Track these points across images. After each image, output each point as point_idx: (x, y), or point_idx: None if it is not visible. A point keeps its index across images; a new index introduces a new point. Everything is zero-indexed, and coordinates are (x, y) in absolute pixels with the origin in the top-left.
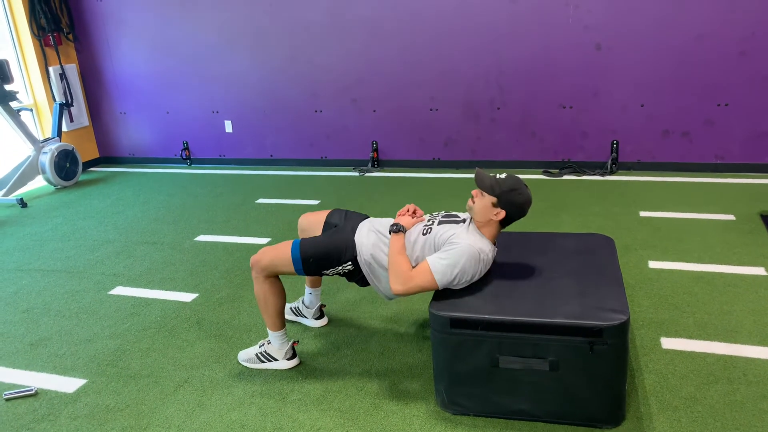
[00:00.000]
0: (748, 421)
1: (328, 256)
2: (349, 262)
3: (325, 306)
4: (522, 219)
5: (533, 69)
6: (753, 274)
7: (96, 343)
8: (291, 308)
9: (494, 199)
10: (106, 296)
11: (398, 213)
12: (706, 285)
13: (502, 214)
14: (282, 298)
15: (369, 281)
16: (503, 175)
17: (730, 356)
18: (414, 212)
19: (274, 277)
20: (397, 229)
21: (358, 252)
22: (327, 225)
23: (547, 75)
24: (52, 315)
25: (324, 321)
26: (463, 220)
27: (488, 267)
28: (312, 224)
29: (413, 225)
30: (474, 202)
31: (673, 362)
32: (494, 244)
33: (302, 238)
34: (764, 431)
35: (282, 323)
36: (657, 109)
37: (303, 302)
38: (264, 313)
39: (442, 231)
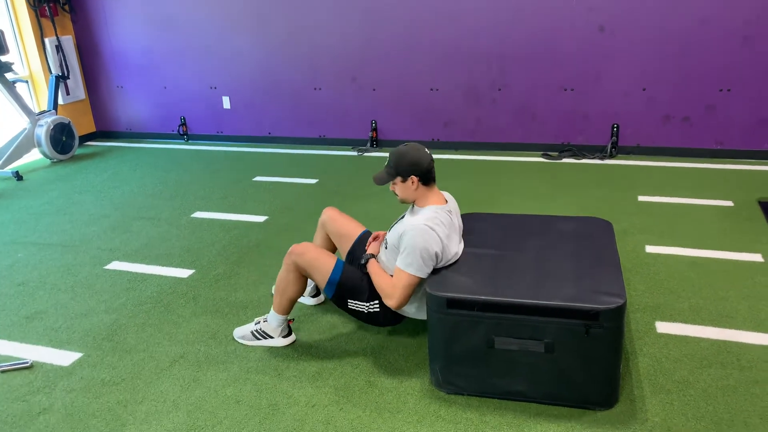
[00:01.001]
0: (740, 406)
1: (360, 289)
2: (376, 302)
3: None
4: (520, 201)
5: (535, 51)
6: (749, 260)
7: (92, 317)
8: None
9: (399, 178)
10: (102, 271)
11: (366, 246)
12: (702, 270)
13: (414, 179)
14: (300, 292)
15: (401, 314)
16: (388, 158)
17: (724, 341)
18: (376, 237)
19: (303, 274)
20: (366, 260)
21: None
22: (354, 254)
23: (549, 57)
24: (48, 288)
25: (320, 298)
26: (405, 213)
27: (452, 226)
28: (340, 230)
29: (379, 246)
30: (398, 194)
31: (667, 346)
32: (443, 203)
33: (346, 264)
34: (756, 415)
35: (289, 310)
36: (658, 93)
37: None
38: (278, 295)
39: (394, 235)
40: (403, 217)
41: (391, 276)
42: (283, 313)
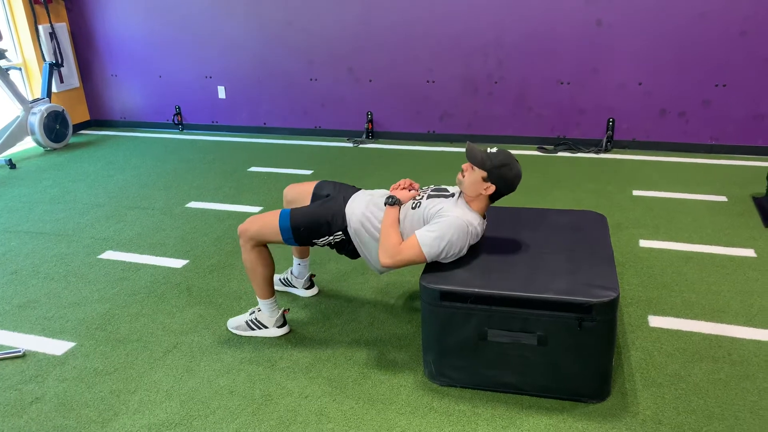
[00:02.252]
0: (731, 400)
1: (318, 225)
2: (340, 232)
3: (314, 276)
4: (515, 194)
5: (533, 43)
6: (742, 255)
7: (85, 306)
8: (280, 279)
9: (484, 174)
10: (95, 260)
11: (392, 186)
12: (695, 265)
13: (492, 188)
14: (270, 266)
15: (359, 253)
16: (494, 150)
17: (716, 335)
18: (410, 186)
19: (262, 246)
20: (392, 202)
21: (348, 222)
22: (315, 196)
23: (546, 50)
24: (41, 277)
25: (314, 290)
26: (453, 194)
27: (476, 240)
28: (299, 195)
29: (409, 199)
30: (464, 176)
31: (659, 340)
32: (484, 218)
33: (292, 208)
34: (746, 409)
35: (271, 291)
36: (655, 88)
37: (292, 273)
38: (252, 281)
39: (431, 205)
40: (445, 193)
41: (400, 236)
42: (267, 296)
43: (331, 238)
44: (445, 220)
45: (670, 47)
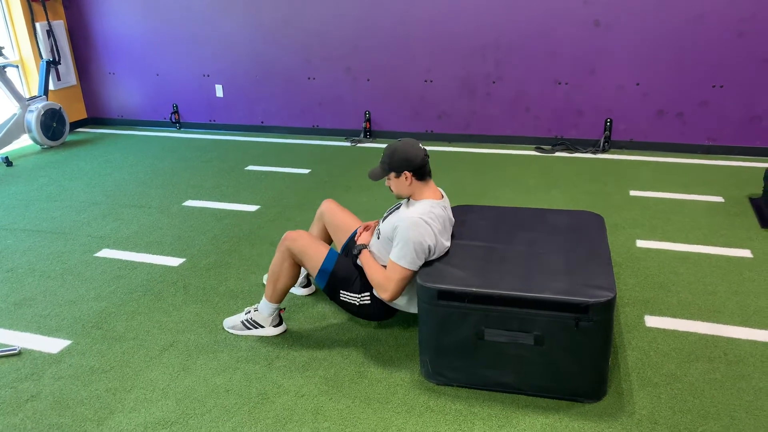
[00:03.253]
0: (726, 399)
1: (352, 280)
2: (368, 294)
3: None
4: (512, 194)
5: (530, 44)
6: (738, 256)
7: (81, 304)
8: None
9: (393, 173)
10: (92, 258)
11: (355, 238)
12: (692, 265)
13: (408, 174)
14: (294, 279)
15: (393, 307)
16: (382, 154)
17: (712, 336)
18: (366, 227)
19: (296, 261)
20: (358, 251)
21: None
22: (350, 248)
23: (544, 50)
24: (37, 275)
25: (311, 289)
26: (401, 204)
27: (445, 221)
28: (338, 222)
29: (371, 237)
30: (393, 190)
31: (655, 340)
32: (439, 197)
33: (340, 254)
34: (741, 409)
35: (281, 299)
36: (652, 89)
37: None
38: (270, 283)
39: (387, 226)
40: (398, 207)
41: (385, 268)
42: (276, 301)
43: (359, 297)
44: (399, 229)
45: (667, 48)
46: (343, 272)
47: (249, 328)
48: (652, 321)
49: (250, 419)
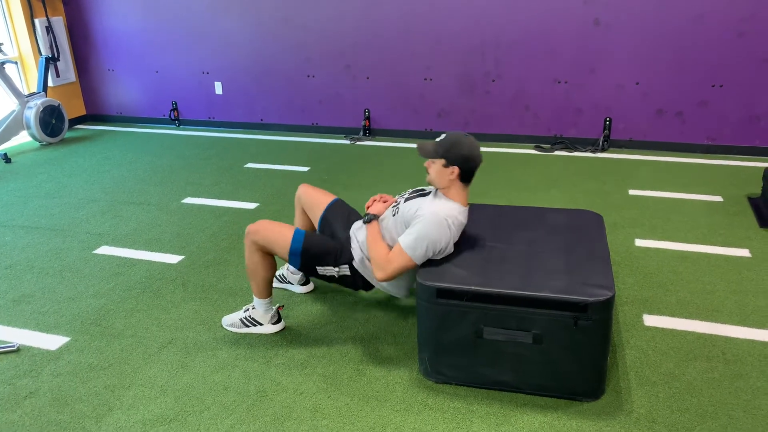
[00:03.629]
0: (724, 399)
1: (326, 254)
2: (346, 265)
3: None
4: (511, 193)
5: (530, 42)
6: (737, 255)
7: (80, 301)
8: (276, 276)
9: (443, 161)
10: (90, 255)
11: (366, 205)
12: (690, 265)
13: (456, 170)
14: (272, 269)
15: (372, 282)
16: (443, 136)
17: (710, 335)
18: (384, 200)
19: (266, 252)
20: (369, 219)
21: (353, 255)
22: (325, 220)
23: (543, 49)
24: (36, 272)
25: (310, 287)
26: (429, 192)
27: (461, 229)
28: (312, 203)
29: (385, 210)
30: (429, 173)
31: (654, 339)
32: (465, 204)
33: (307, 231)
34: (739, 408)
35: (269, 292)
36: (652, 88)
37: (288, 269)
38: (252, 280)
39: (408, 207)
40: (422, 192)
41: (389, 248)
42: (264, 296)
43: (336, 269)
44: (421, 220)
45: (667, 47)
46: (314, 248)
47: (248, 326)
48: (650, 320)
49: (249, 416)
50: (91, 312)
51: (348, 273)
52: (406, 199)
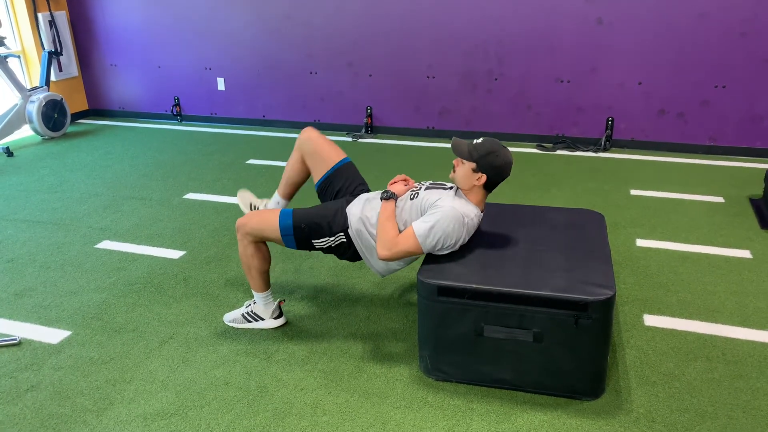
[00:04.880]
0: (724, 399)
1: (319, 226)
2: (341, 233)
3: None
4: (512, 192)
5: (533, 41)
6: (738, 256)
7: (81, 295)
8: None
9: (473, 165)
10: (92, 250)
11: (390, 182)
12: (691, 265)
13: (483, 178)
14: (266, 261)
15: (361, 255)
16: (480, 140)
17: (711, 335)
18: (405, 181)
19: (260, 241)
20: (388, 196)
21: (349, 222)
22: (330, 180)
23: (546, 47)
24: (37, 266)
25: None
26: (451, 188)
27: (472, 232)
28: (319, 152)
29: (405, 192)
30: (455, 171)
31: (654, 339)
32: (482, 210)
33: (294, 208)
34: (739, 409)
35: (266, 285)
36: (654, 88)
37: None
38: (247, 274)
39: (428, 195)
40: (444, 187)
41: (397, 230)
42: (262, 289)
43: (332, 239)
44: (440, 211)
45: (670, 47)
46: (305, 222)
47: (249, 321)
48: (650, 320)
49: (249, 412)
50: (93, 306)
51: (344, 240)
52: (427, 188)
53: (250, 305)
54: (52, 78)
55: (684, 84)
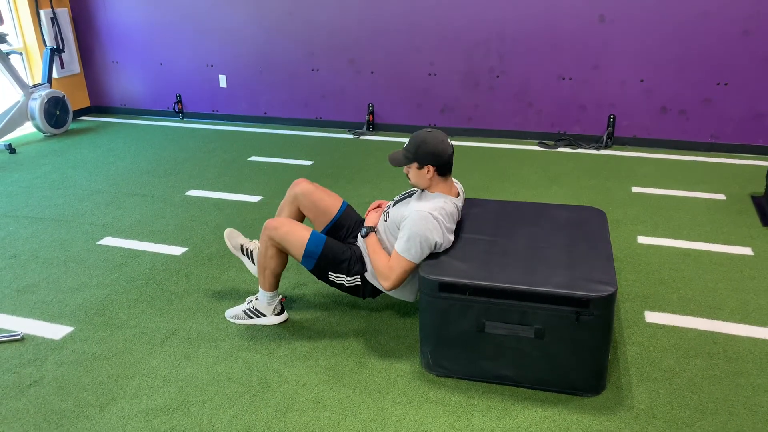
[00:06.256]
0: (725, 395)
1: (342, 261)
2: (358, 276)
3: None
4: (515, 189)
5: (535, 38)
6: (739, 253)
7: (84, 291)
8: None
9: (416, 164)
10: (94, 246)
11: (365, 214)
12: (692, 262)
13: (431, 168)
14: (283, 265)
15: (382, 290)
16: (408, 140)
17: (712, 332)
18: (379, 206)
19: (281, 249)
20: (366, 233)
21: (366, 267)
22: (337, 227)
23: (548, 45)
24: (40, 262)
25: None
26: (414, 192)
27: (456, 219)
28: (319, 203)
29: (379, 218)
30: (410, 179)
31: (655, 335)
32: (454, 194)
33: (328, 238)
34: (740, 405)
35: (276, 285)
36: (656, 85)
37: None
38: (260, 272)
39: (395, 212)
40: (410, 194)
41: (388, 255)
42: (270, 289)
43: (349, 279)
44: (408, 220)
45: (672, 45)
46: (331, 255)
47: (251, 317)
48: (652, 317)
49: (251, 407)
50: (95, 302)
51: (359, 283)
52: (395, 203)
53: (251, 301)
54: (54, 75)
55: (686, 81)
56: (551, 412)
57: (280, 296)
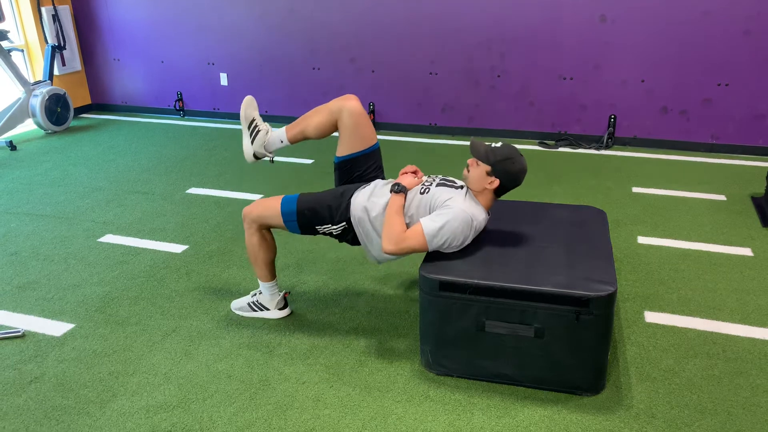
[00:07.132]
0: (724, 396)
1: (321, 211)
2: (344, 222)
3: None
4: (516, 188)
5: (536, 37)
6: (739, 254)
7: (84, 288)
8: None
9: (488, 168)
10: (95, 243)
11: (401, 172)
12: (692, 262)
13: (496, 182)
14: (272, 250)
15: (360, 241)
16: (498, 144)
17: (711, 332)
18: (415, 173)
19: (266, 230)
20: (398, 189)
21: (351, 212)
22: (357, 161)
23: (549, 44)
24: (41, 259)
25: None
26: (461, 186)
27: (477, 233)
28: (359, 128)
29: (414, 185)
30: (469, 171)
31: (655, 335)
32: (488, 213)
33: (300, 193)
34: (738, 405)
35: (272, 275)
36: (657, 85)
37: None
38: (253, 264)
39: (439, 193)
40: (454, 184)
41: (405, 224)
42: (268, 279)
43: (335, 227)
44: (450, 211)
45: (672, 45)
46: (307, 210)
47: (255, 310)
48: (651, 317)
49: (252, 405)
50: (96, 299)
51: (346, 227)
52: (438, 184)
53: (256, 294)
54: (55, 72)
55: (687, 82)
56: (551, 411)
57: (284, 291)
